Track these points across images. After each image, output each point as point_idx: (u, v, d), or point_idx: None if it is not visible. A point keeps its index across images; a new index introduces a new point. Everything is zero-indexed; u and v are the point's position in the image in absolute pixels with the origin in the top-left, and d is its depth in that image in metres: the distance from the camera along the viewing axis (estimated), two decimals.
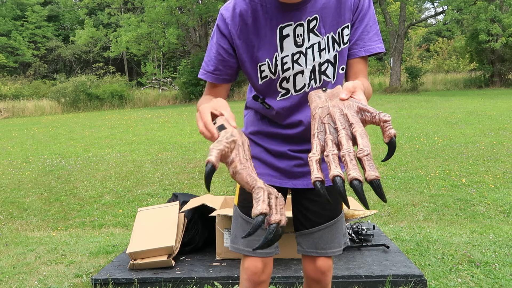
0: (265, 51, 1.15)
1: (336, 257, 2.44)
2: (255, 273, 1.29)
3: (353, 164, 0.66)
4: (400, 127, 8.64)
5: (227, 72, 1.20)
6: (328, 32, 1.15)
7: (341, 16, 1.14)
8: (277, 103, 1.22)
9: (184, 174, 5.54)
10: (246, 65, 1.19)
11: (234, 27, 1.14)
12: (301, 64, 1.16)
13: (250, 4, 1.13)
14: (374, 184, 0.64)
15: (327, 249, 1.30)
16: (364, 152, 0.66)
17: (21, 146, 8.77)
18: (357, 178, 0.64)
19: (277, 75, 1.18)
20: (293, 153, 1.28)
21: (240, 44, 1.15)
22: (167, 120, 12.45)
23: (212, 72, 1.20)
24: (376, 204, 3.92)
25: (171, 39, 19.81)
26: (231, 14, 1.14)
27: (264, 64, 1.17)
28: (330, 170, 0.66)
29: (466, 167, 5.16)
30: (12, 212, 4.39)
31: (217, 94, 1.22)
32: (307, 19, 1.12)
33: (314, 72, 1.17)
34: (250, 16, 1.13)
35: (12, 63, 28.41)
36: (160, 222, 2.57)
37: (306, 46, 1.15)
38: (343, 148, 0.68)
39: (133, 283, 2.26)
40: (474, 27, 18.24)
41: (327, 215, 1.30)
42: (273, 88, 1.21)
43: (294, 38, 1.13)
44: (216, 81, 1.22)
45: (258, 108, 1.30)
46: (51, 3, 30.78)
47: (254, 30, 1.14)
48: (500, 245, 2.72)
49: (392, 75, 19.48)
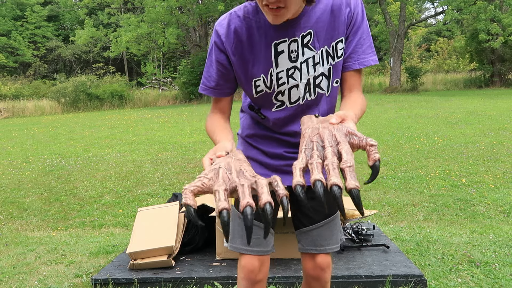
0: (260, 67, 1.17)
1: (336, 257, 2.44)
2: (252, 271, 1.31)
3: (335, 172, 0.68)
4: (400, 127, 8.64)
5: (229, 86, 1.23)
6: (322, 46, 1.16)
7: (335, 30, 1.15)
8: (272, 114, 1.25)
9: (184, 174, 5.54)
10: (241, 80, 1.21)
11: (229, 44, 1.16)
12: (296, 79, 1.18)
13: (244, 21, 1.14)
14: (353, 193, 0.66)
15: (326, 246, 1.33)
16: (347, 163, 0.69)
17: (21, 146, 8.77)
18: (337, 184, 0.66)
19: (272, 89, 1.20)
20: (289, 154, 1.31)
21: (235, 60, 1.17)
22: (167, 120, 12.45)
23: (214, 87, 1.22)
24: (376, 204, 3.93)
25: (171, 39, 19.82)
26: (225, 31, 1.15)
27: (260, 79, 1.18)
28: (312, 174, 0.68)
29: (466, 167, 5.16)
30: (12, 212, 4.39)
31: (222, 108, 1.25)
32: (301, 34, 1.13)
33: (308, 85, 1.19)
34: (244, 33, 1.14)
35: (12, 63, 28.41)
36: (160, 222, 2.57)
37: (300, 61, 1.16)
38: (327, 160, 0.71)
39: (133, 283, 2.26)
40: (474, 27, 18.24)
41: (325, 212, 1.33)
42: (268, 100, 1.23)
43: (289, 53, 1.15)
44: (220, 95, 1.24)
45: (253, 115, 1.32)
46: (51, 3, 30.78)
47: (249, 46, 1.15)
48: (500, 245, 2.72)
49: (392, 75, 19.48)
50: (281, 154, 1.30)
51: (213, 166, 0.77)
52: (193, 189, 0.71)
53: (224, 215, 0.66)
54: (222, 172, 0.74)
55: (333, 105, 1.26)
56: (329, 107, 1.25)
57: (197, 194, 0.72)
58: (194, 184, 0.72)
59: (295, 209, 1.37)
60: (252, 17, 1.14)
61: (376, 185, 4.62)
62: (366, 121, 9.69)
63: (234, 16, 1.15)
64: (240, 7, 1.16)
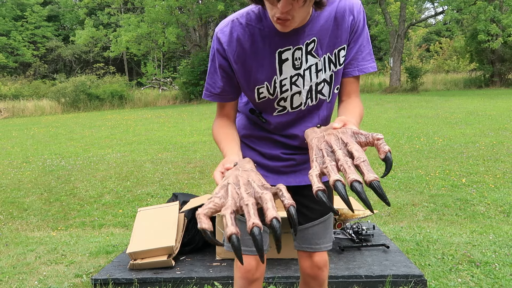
0: (263, 75, 1.16)
1: (336, 257, 2.44)
2: (249, 271, 1.32)
3: (351, 170, 0.69)
4: (400, 127, 8.65)
5: (234, 91, 1.22)
6: (325, 53, 1.16)
7: (338, 37, 1.15)
8: (273, 118, 1.25)
9: (184, 174, 5.54)
10: (244, 87, 1.21)
11: (231, 52, 1.14)
12: (299, 86, 1.18)
13: (247, 28, 1.13)
14: (374, 185, 0.67)
15: (321, 244, 1.35)
16: (361, 159, 0.70)
17: (21, 146, 8.77)
18: (357, 180, 0.67)
19: (275, 96, 1.20)
20: (286, 156, 1.31)
21: (237, 68, 1.16)
22: (167, 120, 12.45)
23: (219, 94, 1.21)
24: (376, 204, 3.92)
25: (171, 38, 19.81)
26: (228, 39, 1.14)
27: (263, 87, 1.18)
28: (330, 177, 0.70)
29: (466, 167, 5.16)
30: (12, 212, 4.39)
31: (228, 113, 1.25)
32: (305, 42, 1.13)
33: (311, 91, 1.20)
34: (247, 41, 1.13)
35: (12, 63, 28.40)
36: (160, 222, 2.57)
37: (304, 68, 1.16)
38: (340, 160, 0.72)
39: (133, 283, 2.26)
40: (474, 27, 18.24)
41: (320, 210, 1.35)
42: (270, 105, 1.23)
43: (293, 61, 1.15)
44: (225, 101, 1.23)
45: (251, 117, 1.32)
46: (51, 3, 30.77)
47: (252, 54, 1.14)
48: (500, 245, 2.72)
49: (392, 75, 19.48)
50: (278, 156, 1.31)
51: (223, 182, 0.80)
52: (206, 212, 0.73)
53: (234, 240, 0.67)
54: (231, 188, 0.77)
55: (332, 110, 1.28)
56: (329, 113, 1.27)
57: (210, 216, 0.74)
58: (206, 207, 0.74)
59: None
60: (255, 24, 1.12)
61: None
62: (366, 121, 9.69)
63: (237, 24, 1.14)
64: (242, 14, 1.15)
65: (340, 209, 2.63)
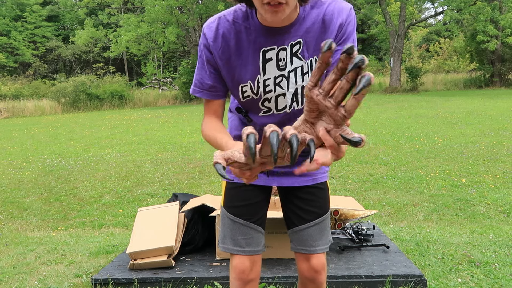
0: (247, 73, 1.16)
1: (336, 257, 2.44)
2: (243, 271, 1.32)
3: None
4: (400, 127, 8.65)
5: (221, 88, 1.21)
6: (311, 56, 1.15)
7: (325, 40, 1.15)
8: (259, 119, 1.25)
9: (184, 174, 5.54)
10: (229, 84, 1.20)
11: (216, 48, 1.15)
12: (283, 87, 1.17)
13: (234, 26, 1.13)
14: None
15: (316, 247, 1.34)
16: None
17: (21, 146, 8.77)
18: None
19: (259, 96, 1.19)
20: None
21: (221, 64, 1.16)
22: (167, 120, 12.46)
23: (208, 90, 1.21)
24: (376, 204, 3.93)
25: (171, 38, 19.82)
26: (213, 34, 1.14)
27: (246, 85, 1.18)
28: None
29: (466, 167, 5.16)
30: (12, 212, 4.39)
31: (216, 111, 1.23)
32: (290, 43, 1.12)
33: (296, 94, 1.19)
34: (233, 38, 1.13)
35: (12, 63, 28.41)
36: (160, 222, 2.57)
37: (288, 70, 1.15)
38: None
39: (133, 283, 2.26)
40: (474, 27, 18.24)
41: (316, 212, 1.34)
42: (255, 105, 1.23)
43: (277, 61, 1.14)
44: (214, 98, 1.22)
45: (241, 118, 1.32)
46: (51, 3, 30.77)
47: (237, 51, 1.14)
48: (500, 245, 2.72)
49: (392, 75, 19.48)
50: None
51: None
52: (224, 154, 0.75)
53: (250, 139, 0.68)
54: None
55: None
56: None
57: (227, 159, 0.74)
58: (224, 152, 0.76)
59: (287, 209, 1.39)
60: (242, 22, 1.12)
61: (376, 185, 4.62)
62: (366, 121, 9.69)
63: (224, 20, 1.14)
64: (230, 12, 1.15)
65: (340, 209, 2.63)
